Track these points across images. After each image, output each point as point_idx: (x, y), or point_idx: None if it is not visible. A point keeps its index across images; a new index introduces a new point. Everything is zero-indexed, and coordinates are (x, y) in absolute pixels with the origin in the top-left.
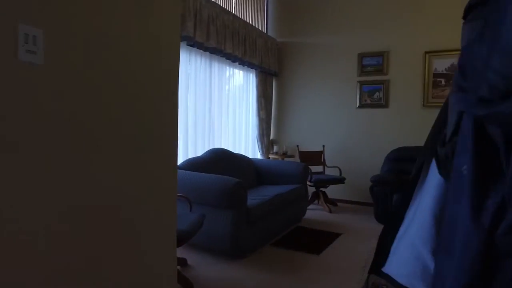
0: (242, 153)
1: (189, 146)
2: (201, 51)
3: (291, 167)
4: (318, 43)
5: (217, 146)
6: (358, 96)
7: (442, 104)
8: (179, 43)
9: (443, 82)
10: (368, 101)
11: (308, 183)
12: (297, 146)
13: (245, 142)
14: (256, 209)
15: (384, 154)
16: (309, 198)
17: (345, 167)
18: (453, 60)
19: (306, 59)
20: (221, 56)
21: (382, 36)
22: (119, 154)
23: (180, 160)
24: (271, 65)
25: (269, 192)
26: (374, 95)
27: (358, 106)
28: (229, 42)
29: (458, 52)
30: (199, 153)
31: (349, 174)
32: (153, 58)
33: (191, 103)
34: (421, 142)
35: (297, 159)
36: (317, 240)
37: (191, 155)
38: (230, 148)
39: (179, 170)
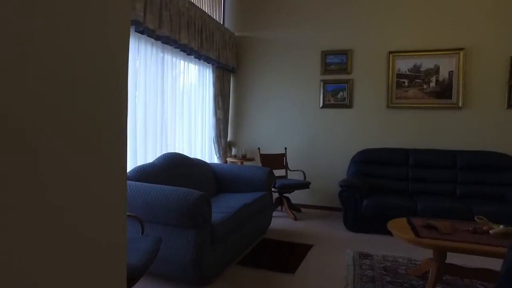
0: (198, 157)
1: (138, 151)
2: (152, 40)
3: (255, 173)
4: (279, 38)
5: (170, 150)
6: (321, 96)
7: (406, 105)
8: (129, 25)
9: (406, 83)
10: (332, 101)
11: (272, 189)
12: (258, 148)
13: (201, 145)
14: (221, 225)
15: (350, 156)
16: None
17: (309, 170)
18: (416, 61)
19: (266, 55)
20: (174, 47)
21: (346, 34)
22: (48, 164)
23: (128, 168)
24: (228, 60)
25: (233, 202)
26: (338, 94)
27: (322, 106)
28: (184, 32)
29: (421, 53)
30: (150, 159)
31: (314, 178)
32: (95, 41)
33: (140, 101)
34: (386, 144)
35: (257, 162)
36: (288, 255)
37: (140, 161)
38: (185, 152)
39: (128, 182)
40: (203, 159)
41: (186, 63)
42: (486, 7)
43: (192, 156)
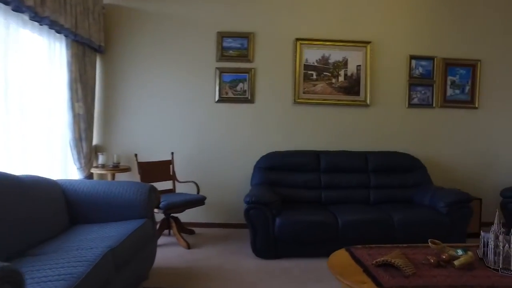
0: (43, 172)
1: None
2: None
3: (130, 192)
4: (164, 13)
5: None
6: (217, 87)
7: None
8: None
9: (314, 76)
10: (230, 94)
11: (155, 210)
12: (135, 155)
13: (49, 153)
14: None
15: (253, 161)
16: (156, 230)
17: (204, 181)
18: (324, 51)
19: (147, 34)
20: None
21: (248, 14)
22: None
23: None
24: (92, 34)
25: (87, 246)
26: (237, 86)
27: (218, 100)
28: None
29: (330, 43)
30: None
31: (210, 190)
32: None
33: None
34: (294, 145)
35: (134, 173)
36: None
37: None
38: (16, 166)
39: None
40: (49, 175)
41: (19, 28)
42: (392, 1)
43: (29, 171)
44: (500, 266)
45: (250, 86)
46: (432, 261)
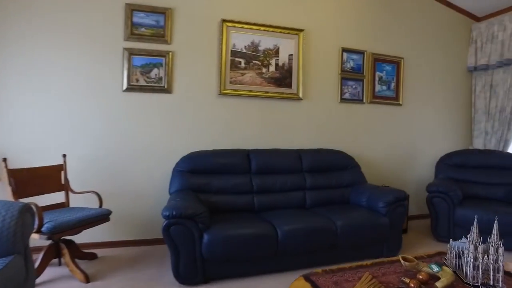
0: None
1: None
2: None
3: None
4: None
5: None
6: (125, 73)
7: (242, 93)
8: None
9: (242, 64)
10: (142, 82)
11: (35, 235)
12: (4, 159)
13: None
14: None
15: (171, 163)
16: (39, 262)
17: (108, 190)
18: (254, 37)
19: (27, 4)
20: None
21: None
22: None
23: None
24: None
25: None
26: (151, 72)
27: (127, 89)
28: None
29: (260, 28)
30: None
31: (116, 201)
32: None
33: None
34: (220, 144)
35: (3, 185)
36: None
37: None
38: None
39: None
40: None
41: None
42: None
43: None
44: (480, 282)
45: (167, 73)
46: (413, 285)
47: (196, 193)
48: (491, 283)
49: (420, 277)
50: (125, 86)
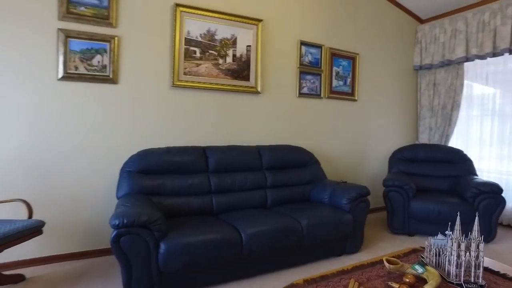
0: None
1: None
2: None
3: None
4: None
5: None
6: (61, 59)
7: (198, 85)
8: None
9: (197, 53)
10: (82, 69)
11: None
12: None
13: None
14: None
15: (118, 163)
16: None
17: (40, 196)
18: (210, 25)
19: None
20: None
21: None
22: None
23: None
24: None
25: None
26: (93, 59)
27: (63, 77)
28: None
29: (217, 16)
30: None
31: (50, 209)
32: None
33: None
34: (173, 140)
35: None
36: None
37: None
38: None
39: None
40: None
41: None
42: None
43: None
44: (462, 280)
45: (112, 61)
46: None
47: (149, 196)
48: (472, 280)
49: (407, 280)
50: (60, 74)
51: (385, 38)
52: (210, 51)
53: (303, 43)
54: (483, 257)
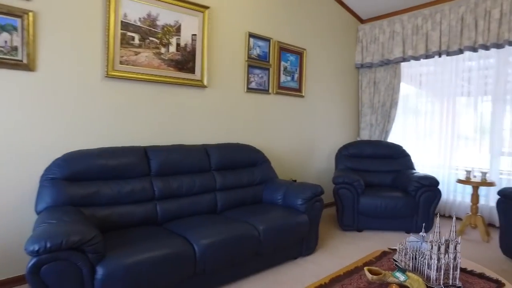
0: None
1: None
2: None
3: None
4: None
5: None
6: None
7: (136, 76)
8: None
9: (136, 40)
10: None
11: None
12: None
13: None
14: None
15: (37, 170)
16: None
17: None
18: (151, 8)
19: None
20: None
21: None
22: None
23: None
24: None
25: None
26: None
27: None
28: None
29: None
30: None
31: None
32: None
33: None
34: (108, 140)
35: None
36: None
37: None
38: None
39: None
40: None
41: None
42: None
43: None
44: (441, 283)
45: (26, 42)
46: None
47: (79, 207)
48: (450, 282)
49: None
50: None
51: (330, 35)
52: (151, 38)
53: (251, 35)
54: (459, 258)
